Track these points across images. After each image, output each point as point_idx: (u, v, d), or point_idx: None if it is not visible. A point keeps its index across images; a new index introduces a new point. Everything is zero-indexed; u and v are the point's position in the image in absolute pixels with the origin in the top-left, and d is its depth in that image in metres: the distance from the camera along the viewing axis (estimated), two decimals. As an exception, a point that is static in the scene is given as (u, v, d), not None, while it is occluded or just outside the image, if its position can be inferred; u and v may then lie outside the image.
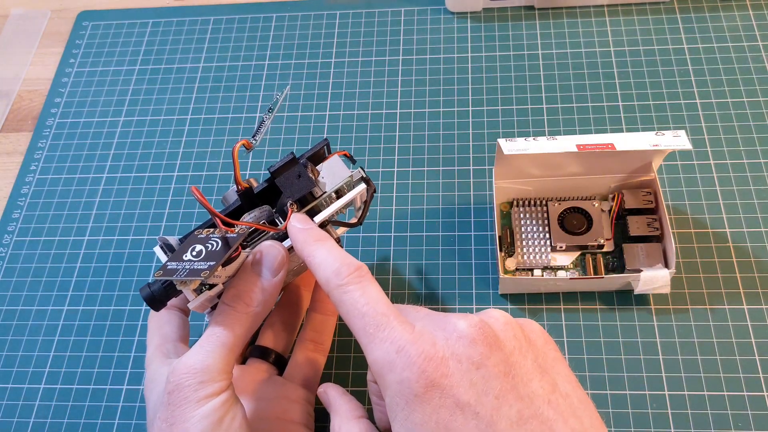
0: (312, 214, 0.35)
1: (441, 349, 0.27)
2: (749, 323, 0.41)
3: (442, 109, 0.52)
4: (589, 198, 0.44)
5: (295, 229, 0.32)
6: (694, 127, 0.49)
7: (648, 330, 0.41)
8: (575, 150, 0.38)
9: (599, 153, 0.40)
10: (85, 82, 0.58)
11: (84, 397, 0.43)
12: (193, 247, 0.31)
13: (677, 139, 0.39)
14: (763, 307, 0.42)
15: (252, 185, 0.35)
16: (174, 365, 0.30)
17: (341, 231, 0.43)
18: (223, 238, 0.31)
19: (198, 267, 0.30)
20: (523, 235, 0.43)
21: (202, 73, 0.57)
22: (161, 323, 0.37)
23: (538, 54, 0.54)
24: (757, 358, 0.40)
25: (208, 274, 0.29)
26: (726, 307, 0.42)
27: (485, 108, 0.52)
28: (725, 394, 0.39)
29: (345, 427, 0.31)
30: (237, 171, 0.34)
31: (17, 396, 0.44)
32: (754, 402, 0.39)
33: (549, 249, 0.43)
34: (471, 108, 0.52)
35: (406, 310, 0.30)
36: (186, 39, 0.59)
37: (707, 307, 0.42)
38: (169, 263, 0.31)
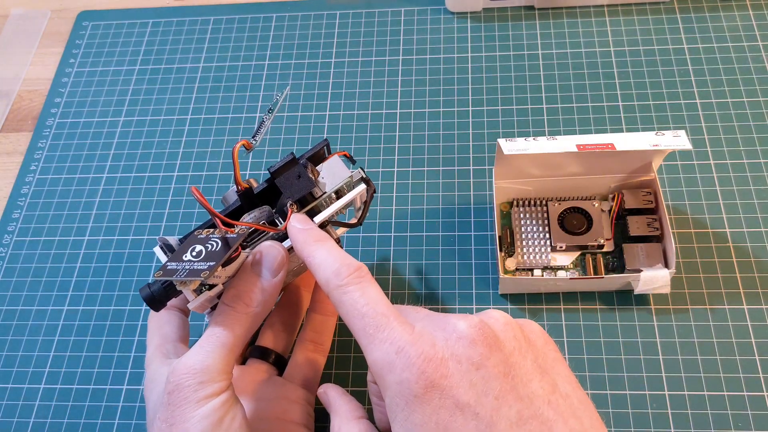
0: (312, 214, 0.35)
1: (441, 349, 0.27)
2: (749, 323, 0.41)
3: (442, 109, 0.52)
4: (589, 198, 0.44)
5: (294, 229, 0.32)
6: (694, 127, 0.49)
7: (648, 330, 0.41)
8: (575, 150, 0.38)
9: (599, 153, 0.40)
10: (85, 82, 0.58)
11: (84, 397, 0.43)
12: (193, 248, 0.31)
13: (677, 139, 0.39)
14: (763, 307, 0.42)
15: (252, 185, 0.35)
16: (174, 365, 0.30)
17: (341, 231, 0.43)
18: (222, 239, 0.31)
19: (198, 267, 0.30)
20: (523, 235, 0.43)
21: (202, 73, 0.57)
22: (161, 323, 0.37)
23: (538, 54, 0.54)
24: (757, 358, 0.40)
25: (208, 274, 0.29)
26: (726, 307, 0.42)
27: (485, 108, 0.52)
28: (725, 394, 0.39)
29: (345, 427, 0.31)
30: (237, 171, 0.34)
31: (17, 396, 0.44)
32: (754, 402, 0.39)
33: (549, 249, 0.43)
34: (471, 108, 0.52)
35: (406, 311, 0.30)
36: (186, 39, 0.59)
37: (707, 307, 0.42)
38: (169, 263, 0.31)
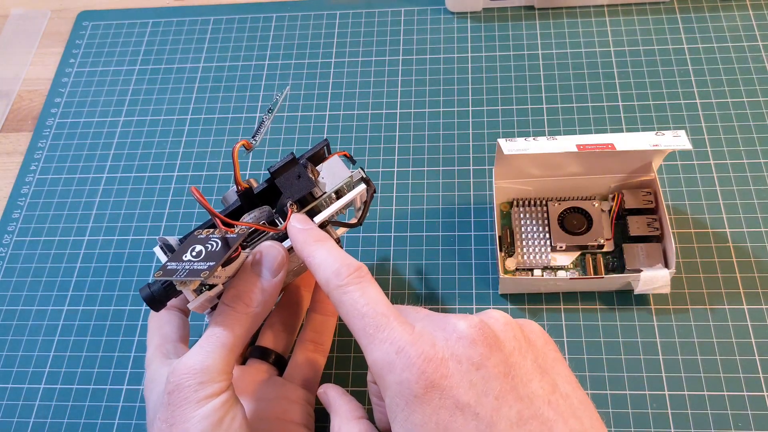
0: (312, 214, 0.35)
1: (441, 349, 0.27)
2: (749, 323, 0.41)
3: (442, 109, 0.52)
4: (589, 198, 0.44)
5: (294, 229, 0.32)
6: (694, 127, 0.49)
7: (648, 330, 0.41)
8: (575, 150, 0.38)
9: (599, 153, 0.40)
10: (85, 82, 0.58)
11: (84, 397, 0.43)
12: (193, 248, 0.31)
13: (677, 139, 0.39)
14: (763, 307, 0.42)
15: (252, 185, 0.35)
16: (174, 366, 0.30)
17: (341, 231, 0.43)
18: (222, 239, 0.31)
19: (198, 267, 0.30)
20: (523, 235, 0.43)
21: (202, 73, 0.57)
22: (161, 323, 0.37)
23: (538, 54, 0.54)
24: (757, 358, 0.40)
25: (208, 274, 0.29)
26: (726, 307, 0.42)
27: (485, 108, 0.52)
28: (725, 394, 0.39)
29: (345, 427, 0.31)
30: (237, 171, 0.34)
31: (17, 396, 0.44)
32: (754, 402, 0.39)
33: (549, 249, 0.43)
34: (471, 108, 0.52)
35: (406, 311, 0.30)
36: (186, 39, 0.59)
37: (707, 307, 0.42)
38: (169, 263, 0.31)
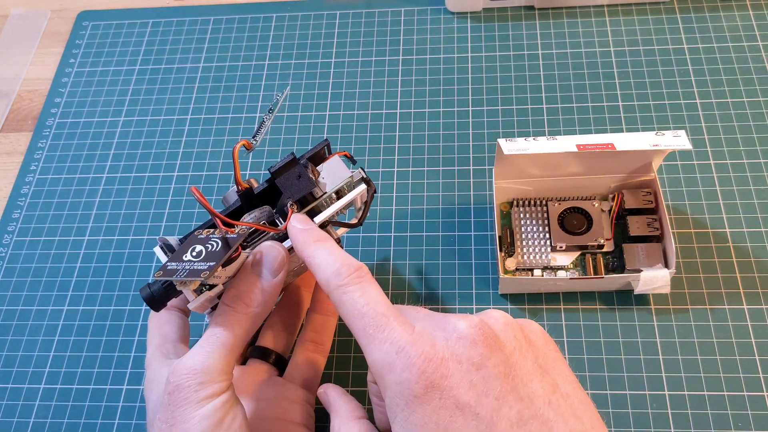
0: (312, 214, 0.35)
1: (441, 350, 0.27)
2: (749, 323, 0.41)
3: (442, 109, 0.52)
4: (589, 198, 0.44)
5: (295, 229, 0.32)
6: (694, 127, 0.49)
7: (648, 330, 0.41)
8: (575, 150, 0.38)
9: (599, 153, 0.40)
10: (85, 82, 0.58)
11: (84, 397, 0.43)
12: (193, 248, 0.31)
13: (677, 139, 0.39)
14: (763, 307, 0.42)
15: (252, 185, 0.35)
16: (174, 366, 0.30)
17: (341, 231, 0.43)
18: (223, 239, 0.31)
19: (198, 267, 0.30)
20: (523, 235, 0.43)
21: (202, 73, 0.57)
22: (161, 323, 0.37)
23: (538, 54, 0.54)
24: (757, 358, 0.40)
25: (208, 274, 0.29)
26: (726, 307, 0.42)
27: (485, 108, 0.52)
28: (725, 394, 0.39)
29: (345, 427, 0.31)
30: (237, 171, 0.34)
31: (17, 396, 0.44)
32: (754, 402, 0.39)
33: (549, 249, 0.43)
34: (471, 108, 0.52)
35: (406, 311, 0.30)
36: (186, 39, 0.59)
37: (707, 307, 0.42)
38: (169, 263, 0.31)
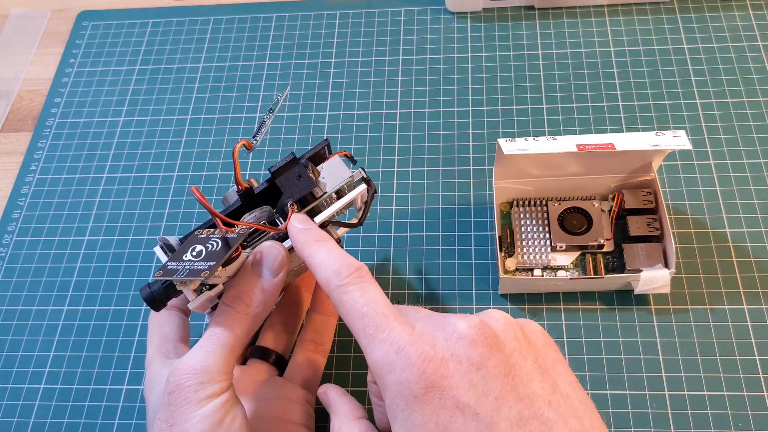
0: (312, 214, 0.35)
1: (441, 350, 0.27)
2: (749, 323, 0.41)
3: (442, 109, 0.52)
4: (589, 198, 0.44)
5: (295, 229, 0.32)
6: (694, 127, 0.49)
7: (648, 330, 0.41)
8: (575, 150, 0.38)
9: (599, 153, 0.40)
10: (85, 82, 0.58)
11: (84, 397, 0.43)
12: (193, 248, 0.31)
13: (677, 139, 0.39)
14: (763, 307, 0.42)
15: (252, 185, 0.35)
16: (174, 366, 0.30)
17: (342, 231, 0.43)
18: (223, 239, 0.31)
19: (198, 267, 0.30)
20: (523, 235, 0.43)
21: (202, 73, 0.57)
22: (161, 323, 0.37)
23: (538, 54, 0.54)
24: (757, 358, 0.40)
25: (208, 274, 0.29)
26: (726, 307, 0.42)
27: (485, 108, 0.52)
28: (725, 394, 0.39)
29: (345, 427, 0.31)
30: (237, 171, 0.34)
31: (17, 396, 0.44)
32: (754, 402, 0.39)
33: (549, 249, 0.43)
34: (471, 108, 0.52)
35: (406, 311, 0.30)
36: (186, 39, 0.59)
37: (707, 307, 0.42)
38: (169, 263, 0.31)
